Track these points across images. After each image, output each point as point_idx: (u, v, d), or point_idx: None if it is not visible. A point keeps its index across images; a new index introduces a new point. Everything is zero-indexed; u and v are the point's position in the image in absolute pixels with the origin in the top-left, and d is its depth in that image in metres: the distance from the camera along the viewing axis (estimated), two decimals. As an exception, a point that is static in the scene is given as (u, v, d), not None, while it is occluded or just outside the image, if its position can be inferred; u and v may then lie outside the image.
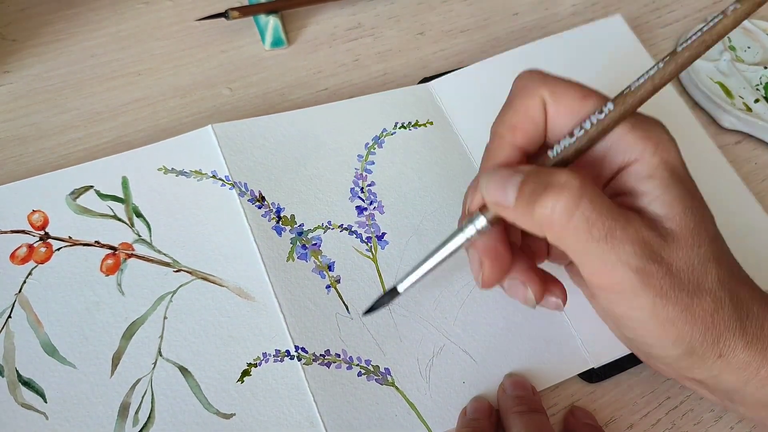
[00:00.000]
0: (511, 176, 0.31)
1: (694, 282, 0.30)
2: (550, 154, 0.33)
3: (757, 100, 0.53)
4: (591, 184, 0.30)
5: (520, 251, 0.37)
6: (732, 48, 0.56)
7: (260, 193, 0.43)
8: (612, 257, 0.30)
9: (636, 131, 0.32)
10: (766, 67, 0.55)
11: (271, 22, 0.51)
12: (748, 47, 0.57)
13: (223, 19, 0.50)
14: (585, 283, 0.33)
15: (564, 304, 0.37)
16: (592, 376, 0.42)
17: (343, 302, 0.41)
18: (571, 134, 0.32)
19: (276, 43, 0.52)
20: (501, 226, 0.34)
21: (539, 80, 0.33)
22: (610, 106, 0.31)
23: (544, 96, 0.33)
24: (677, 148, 0.32)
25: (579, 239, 0.30)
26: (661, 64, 0.30)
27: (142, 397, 0.37)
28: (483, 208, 0.34)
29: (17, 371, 0.36)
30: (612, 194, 0.32)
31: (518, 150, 0.34)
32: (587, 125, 0.32)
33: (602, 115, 0.31)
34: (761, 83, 0.54)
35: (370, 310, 0.39)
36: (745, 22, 0.57)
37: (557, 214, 0.29)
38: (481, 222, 0.34)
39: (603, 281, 0.31)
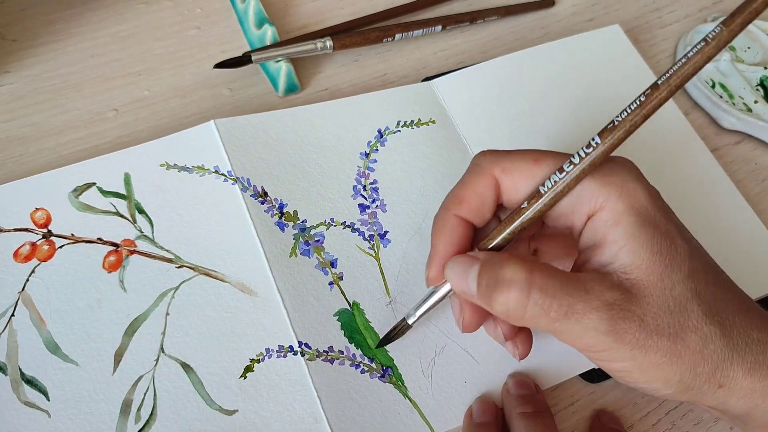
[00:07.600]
0: (470, 267, 0.33)
1: (675, 324, 0.30)
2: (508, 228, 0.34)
3: (756, 101, 0.53)
4: (540, 269, 0.30)
5: None
6: (732, 48, 0.57)
7: (263, 189, 0.43)
8: (578, 328, 0.30)
9: (598, 177, 0.31)
10: (766, 68, 0.55)
11: (284, 67, 0.49)
12: (748, 47, 0.57)
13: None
14: None
15: (520, 358, 0.37)
16: (593, 376, 0.42)
17: (346, 299, 0.41)
18: (522, 204, 0.33)
19: (290, 88, 0.50)
20: None
21: (492, 160, 0.34)
22: (555, 176, 0.32)
23: (495, 174, 0.34)
24: (645, 187, 0.32)
25: (540, 323, 0.30)
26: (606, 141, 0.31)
27: (144, 394, 0.37)
28: None
29: (20, 369, 0.36)
30: (588, 242, 0.32)
31: (462, 221, 0.35)
32: (543, 188, 0.33)
33: (551, 184, 0.32)
34: (761, 83, 0.54)
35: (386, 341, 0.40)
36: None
37: (512, 310, 0.30)
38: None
39: (579, 346, 0.31)
